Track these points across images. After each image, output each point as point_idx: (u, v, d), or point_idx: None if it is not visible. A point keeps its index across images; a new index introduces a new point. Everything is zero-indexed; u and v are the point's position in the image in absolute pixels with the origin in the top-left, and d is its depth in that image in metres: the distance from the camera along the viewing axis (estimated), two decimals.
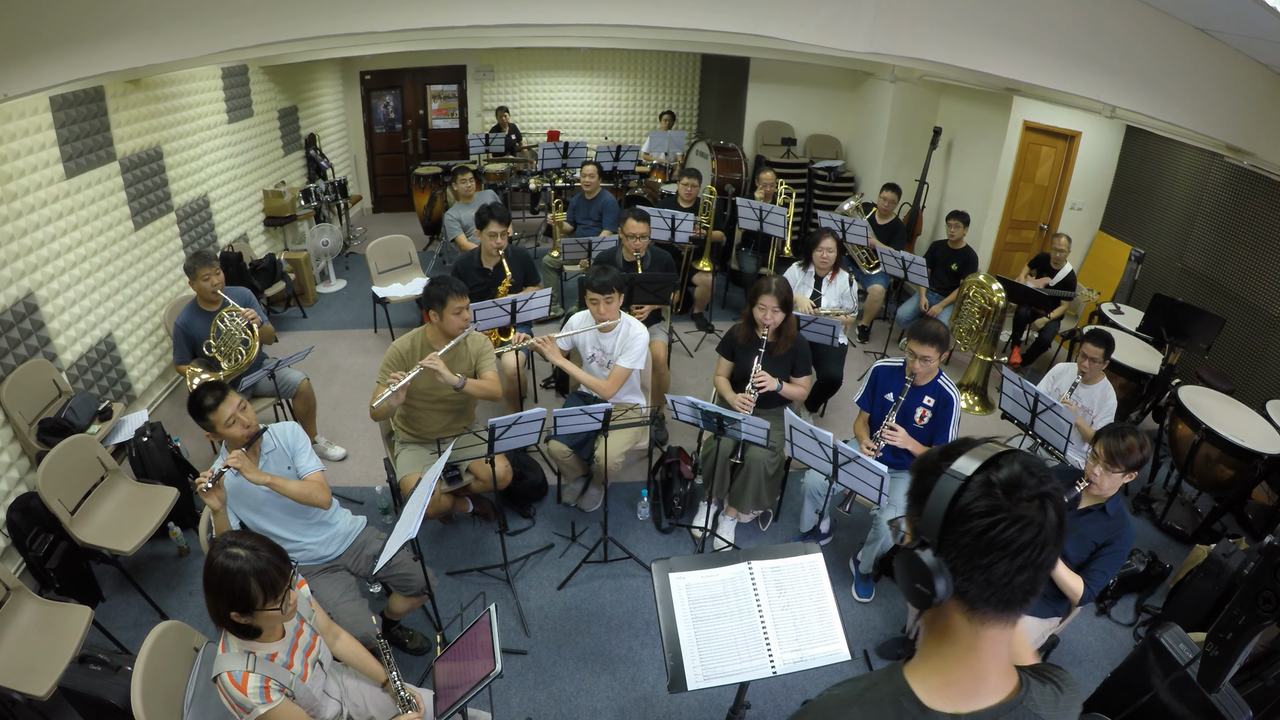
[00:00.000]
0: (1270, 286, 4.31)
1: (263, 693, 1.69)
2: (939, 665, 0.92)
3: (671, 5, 2.79)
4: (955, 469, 0.85)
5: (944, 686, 0.90)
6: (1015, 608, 0.86)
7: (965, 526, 0.84)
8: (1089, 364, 3.41)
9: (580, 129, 9.20)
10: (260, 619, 1.71)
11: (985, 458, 0.86)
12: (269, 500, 2.46)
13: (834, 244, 4.23)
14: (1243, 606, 1.78)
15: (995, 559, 0.82)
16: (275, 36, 2.66)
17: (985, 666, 0.90)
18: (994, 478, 0.84)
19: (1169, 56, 2.98)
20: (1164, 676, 2.22)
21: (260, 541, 1.73)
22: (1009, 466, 0.85)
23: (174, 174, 4.76)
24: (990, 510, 0.82)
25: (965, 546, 0.84)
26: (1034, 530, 0.82)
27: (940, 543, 0.86)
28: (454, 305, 3.02)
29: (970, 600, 0.86)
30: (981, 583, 0.84)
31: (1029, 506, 0.82)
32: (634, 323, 3.45)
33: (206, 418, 2.33)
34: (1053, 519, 0.83)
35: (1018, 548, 0.82)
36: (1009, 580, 0.83)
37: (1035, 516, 0.82)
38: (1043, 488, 0.84)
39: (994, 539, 0.82)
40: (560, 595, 3.22)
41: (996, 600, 0.85)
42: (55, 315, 3.60)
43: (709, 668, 1.88)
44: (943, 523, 0.85)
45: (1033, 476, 0.84)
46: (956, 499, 0.84)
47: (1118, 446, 2.34)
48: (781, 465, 3.41)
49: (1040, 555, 0.83)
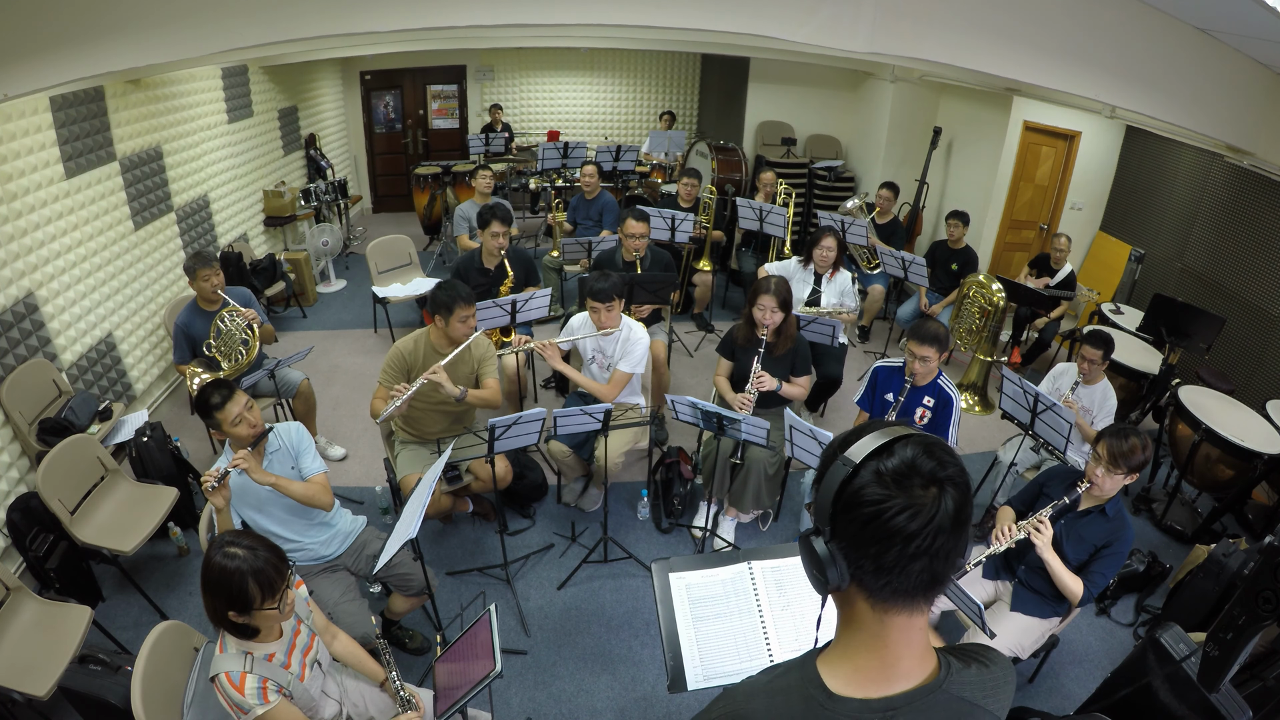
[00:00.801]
0: (1270, 286, 4.31)
1: (260, 693, 1.69)
2: (847, 652, 0.91)
3: (671, 5, 2.79)
4: (848, 455, 0.83)
5: (853, 674, 0.89)
6: (917, 596, 0.84)
7: (853, 514, 0.82)
8: (1088, 365, 3.41)
9: (580, 129, 9.20)
10: (258, 618, 1.71)
11: (880, 443, 0.83)
12: (271, 500, 2.46)
13: (835, 243, 4.23)
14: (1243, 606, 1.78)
15: (884, 547, 0.80)
16: (275, 36, 2.66)
17: (895, 653, 0.87)
18: (884, 465, 0.81)
19: (1169, 56, 2.98)
20: (1164, 677, 2.21)
21: (258, 541, 1.73)
22: (902, 452, 0.81)
23: (174, 174, 4.76)
24: (879, 498, 0.80)
25: (854, 535, 0.82)
26: (925, 517, 0.78)
27: (832, 530, 0.84)
28: (460, 314, 3.03)
29: (869, 588, 0.84)
30: (873, 571, 0.82)
31: (922, 494, 0.79)
32: (635, 326, 3.45)
33: (213, 416, 2.32)
34: (949, 506, 0.79)
35: (907, 535, 0.78)
36: (902, 568, 0.80)
37: (928, 503, 0.79)
38: (941, 473, 0.80)
39: (881, 526, 0.79)
40: (560, 595, 3.22)
41: (893, 589, 0.83)
42: (55, 315, 3.60)
43: (709, 668, 1.88)
44: (831, 510, 0.84)
45: (930, 460, 0.81)
46: (845, 486, 0.82)
47: (1120, 448, 2.33)
48: (781, 465, 3.41)
49: (935, 543, 0.79)
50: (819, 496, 0.86)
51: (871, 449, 0.82)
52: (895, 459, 0.81)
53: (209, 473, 2.22)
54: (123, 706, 2.23)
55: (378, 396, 3.12)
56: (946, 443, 0.84)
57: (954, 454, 0.84)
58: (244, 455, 2.29)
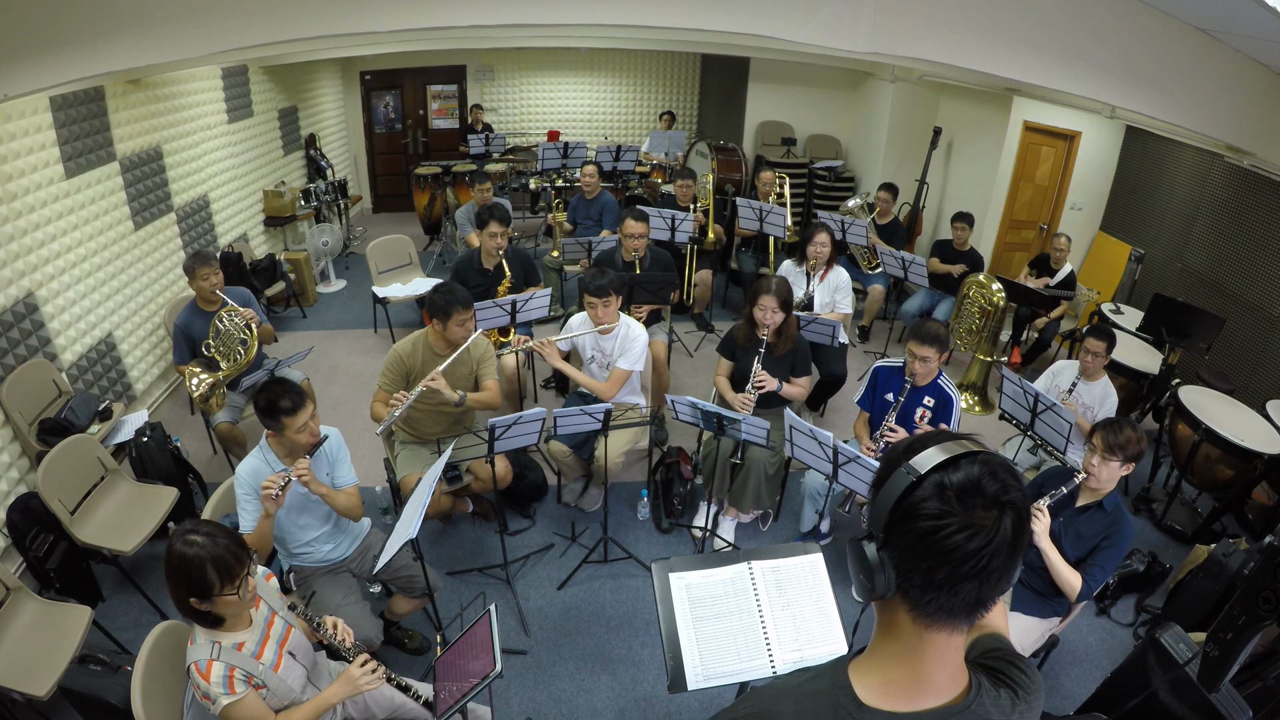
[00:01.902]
0: (1270, 286, 4.31)
1: (226, 682, 1.70)
2: (881, 662, 0.89)
3: (671, 5, 2.79)
4: (914, 463, 0.81)
5: (883, 684, 0.88)
6: (961, 616, 0.82)
7: (909, 526, 0.80)
8: (1091, 359, 3.41)
9: (580, 129, 9.20)
10: (219, 605, 1.72)
11: (947, 456, 0.81)
12: (299, 503, 2.44)
13: (828, 238, 4.20)
14: (1243, 606, 1.78)
15: (937, 563, 0.79)
16: (275, 36, 2.66)
17: (928, 668, 0.86)
18: (949, 479, 0.79)
19: (1169, 56, 2.98)
20: (1164, 676, 2.21)
21: (218, 529, 1.74)
22: (969, 468, 0.79)
23: (174, 174, 4.76)
24: (938, 514, 0.78)
25: (907, 547, 0.81)
26: (984, 539, 0.77)
27: (886, 538, 0.83)
28: (458, 317, 3.03)
29: (913, 601, 0.83)
30: (921, 585, 0.81)
31: (983, 514, 0.77)
32: (633, 324, 3.45)
33: (279, 420, 2.27)
34: (1008, 530, 0.78)
35: (963, 555, 0.77)
36: (952, 587, 0.79)
37: (988, 525, 0.77)
38: (1004, 495, 0.78)
39: (937, 543, 0.78)
40: (560, 595, 3.22)
41: (937, 606, 0.81)
42: (55, 315, 3.60)
43: (709, 668, 1.88)
44: (889, 518, 0.82)
45: (995, 482, 0.79)
46: (906, 495, 0.81)
47: (1115, 438, 2.34)
48: (781, 465, 3.41)
49: (988, 565, 0.78)
50: (877, 502, 0.84)
51: (938, 461, 0.80)
52: (961, 475, 0.79)
53: (271, 479, 2.19)
54: (123, 706, 2.23)
55: (377, 400, 3.12)
56: (1012, 464, 0.82)
57: (1018, 477, 0.82)
58: (306, 465, 2.28)
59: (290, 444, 2.34)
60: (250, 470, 2.34)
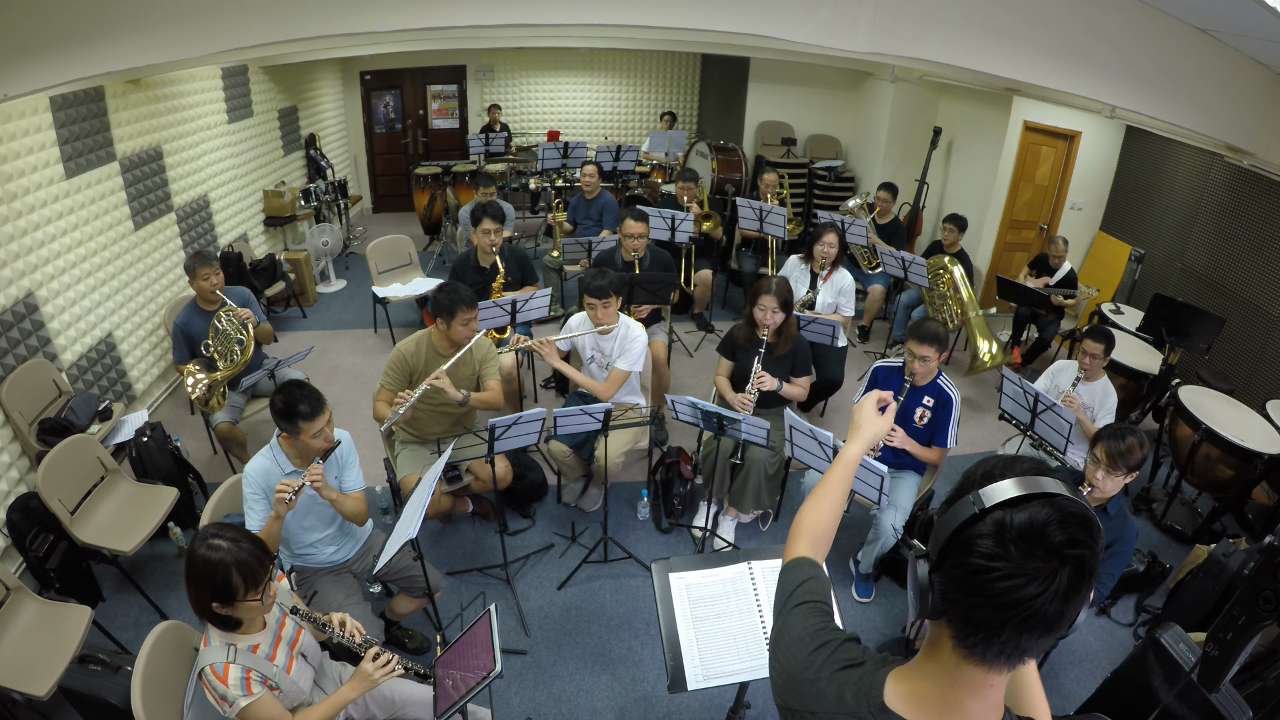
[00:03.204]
0: (1270, 286, 4.31)
1: (243, 684, 1.70)
2: (916, 675, 0.89)
3: (671, 5, 2.79)
4: (983, 494, 0.78)
5: (910, 695, 0.88)
6: (1000, 660, 0.80)
7: (960, 560, 0.78)
8: (1089, 360, 3.41)
9: (580, 129, 9.20)
10: (241, 610, 1.72)
11: (1018, 494, 0.77)
12: (307, 506, 2.44)
13: (836, 239, 4.20)
14: (1243, 606, 1.78)
15: (979, 603, 0.77)
16: (275, 36, 2.67)
17: (958, 696, 0.85)
18: (1012, 519, 0.75)
19: (1169, 56, 2.98)
20: (1164, 676, 2.21)
21: (241, 533, 1.74)
22: (1036, 511, 0.75)
23: (174, 174, 4.75)
24: (990, 554, 0.75)
25: (955, 579, 0.79)
26: (1035, 590, 0.73)
27: (939, 563, 0.82)
28: (462, 316, 3.04)
29: (955, 630, 0.82)
30: (963, 620, 0.80)
31: (1039, 565, 0.73)
32: (633, 325, 3.45)
33: (296, 423, 2.28)
34: (1061, 585, 0.73)
35: (1007, 602, 0.74)
36: (992, 629, 0.77)
37: (1040, 578, 0.73)
38: (1069, 550, 0.74)
39: (984, 584, 0.75)
40: (560, 595, 3.22)
41: (974, 643, 0.80)
42: (55, 315, 3.60)
43: (709, 668, 1.89)
44: (945, 544, 0.81)
45: (1061, 532, 0.74)
46: (965, 527, 0.78)
47: (1118, 448, 2.34)
48: (781, 465, 3.41)
49: (1034, 618, 0.74)
50: (940, 524, 0.83)
51: (1007, 497, 0.77)
52: (1026, 517, 0.75)
53: (286, 482, 2.19)
54: (123, 706, 2.23)
55: (379, 399, 3.12)
56: (1091, 515, 0.77)
57: (1093, 530, 0.76)
58: (319, 471, 2.28)
59: (302, 447, 2.34)
60: (260, 470, 2.35)
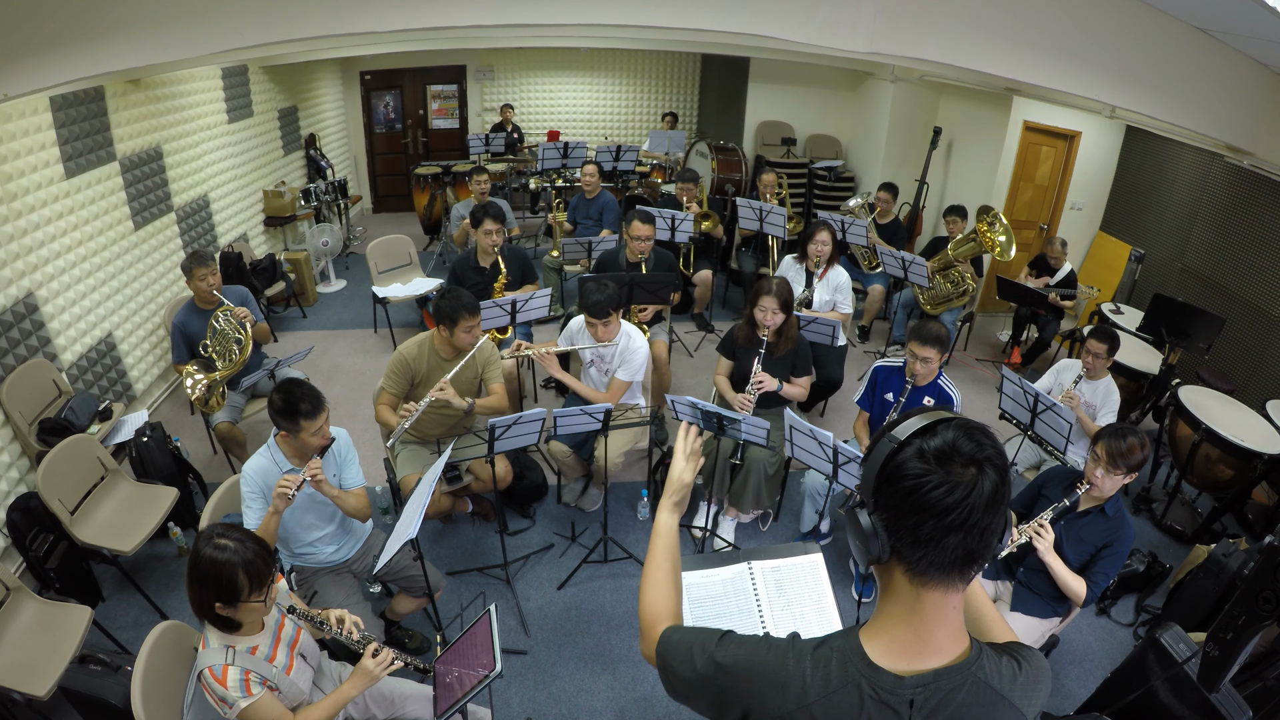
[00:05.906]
0: (1270, 286, 4.31)
1: (243, 685, 1.70)
2: (885, 625, 0.94)
3: (671, 5, 2.79)
4: (894, 433, 0.89)
5: (888, 645, 0.92)
6: (953, 572, 0.87)
7: (894, 487, 0.87)
8: (1093, 360, 3.42)
9: (580, 129, 9.20)
10: (243, 611, 1.72)
11: (924, 424, 0.88)
12: (306, 503, 2.44)
13: (829, 237, 4.22)
14: (1243, 606, 1.78)
15: (921, 519, 0.84)
16: (275, 36, 2.67)
17: (928, 627, 0.91)
18: (927, 444, 0.86)
19: (1169, 56, 2.98)
20: (1164, 676, 2.22)
21: (245, 534, 1.74)
22: (945, 433, 0.86)
23: (174, 174, 4.75)
24: (920, 473, 0.85)
25: (894, 506, 0.87)
26: (963, 492, 0.83)
27: (875, 502, 0.90)
28: (465, 324, 3.03)
29: (907, 561, 0.89)
30: (911, 543, 0.87)
31: (961, 472, 0.84)
32: (635, 335, 3.44)
33: (297, 421, 2.27)
34: (986, 485, 0.83)
35: (944, 508, 0.83)
36: (938, 541, 0.85)
37: (966, 481, 0.83)
38: (980, 453, 0.85)
39: (920, 498, 0.84)
40: (560, 595, 3.22)
41: (928, 562, 0.87)
42: (55, 315, 3.60)
43: None
44: (875, 482, 0.89)
45: (970, 442, 0.85)
46: (889, 460, 0.88)
47: (1119, 447, 2.33)
48: (781, 465, 3.41)
49: (970, 519, 0.83)
50: (864, 470, 0.92)
51: (916, 428, 0.88)
52: (938, 439, 0.86)
53: (288, 478, 2.20)
54: (123, 706, 2.23)
55: (382, 403, 3.12)
56: (987, 427, 0.89)
57: (994, 437, 0.88)
58: (318, 466, 2.28)
59: (300, 445, 2.34)
60: (258, 469, 2.35)
